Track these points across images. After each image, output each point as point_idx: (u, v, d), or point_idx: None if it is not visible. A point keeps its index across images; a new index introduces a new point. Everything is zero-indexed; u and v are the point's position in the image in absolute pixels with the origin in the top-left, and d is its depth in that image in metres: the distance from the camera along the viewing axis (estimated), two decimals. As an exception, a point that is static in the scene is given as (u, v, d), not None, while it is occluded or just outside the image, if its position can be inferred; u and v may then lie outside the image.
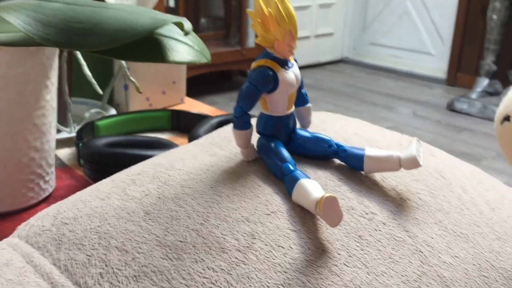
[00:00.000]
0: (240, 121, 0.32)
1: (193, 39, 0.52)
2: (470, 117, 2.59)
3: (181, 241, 0.26)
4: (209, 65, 2.66)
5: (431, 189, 0.34)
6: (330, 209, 0.27)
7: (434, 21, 3.30)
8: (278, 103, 0.32)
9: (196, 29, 3.26)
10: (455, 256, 0.29)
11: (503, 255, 0.31)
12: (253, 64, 0.32)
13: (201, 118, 0.71)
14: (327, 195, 0.27)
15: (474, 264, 0.29)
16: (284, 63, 0.32)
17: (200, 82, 2.61)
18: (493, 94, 2.77)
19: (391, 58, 3.59)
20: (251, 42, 2.93)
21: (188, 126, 0.73)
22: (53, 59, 0.51)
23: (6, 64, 0.46)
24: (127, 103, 0.80)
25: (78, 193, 0.33)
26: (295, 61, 0.34)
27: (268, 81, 0.31)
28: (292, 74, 0.32)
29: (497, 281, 0.29)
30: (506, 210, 0.35)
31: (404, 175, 0.34)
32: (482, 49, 2.88)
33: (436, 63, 3.32)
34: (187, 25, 0.47)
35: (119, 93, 0.81)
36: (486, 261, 0.30)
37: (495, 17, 2.68)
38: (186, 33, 0.46)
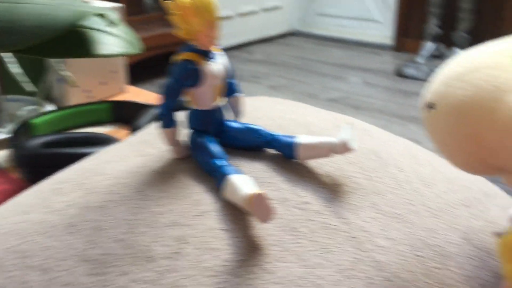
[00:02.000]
0: (166, 119, 0.30)
1: (122, 29, 0.50)
2: (418, 81, 2.65)
3: (106, 254, 0.25)
4: (155, 48, 2.60)
5: (367, 171, 0.34)
6: (259, 206, 0.26)
7: (378, -12, 3.33)
8: (204, 96, 0.31)
9: (141, 10, 3.17)
10: (390, 239, 0.30)
11: (437, 232, 0.31)
12: (175, 58, 0.30)
13: (143, 107, 0.69)
14: (255, 192, 0.26)
15: (408, 245, 0.30)
16: (208, 55, 0.31)
17: (148, 65, 2.55)
18: (439, 57, 2.83)
19: (339, 28, 3.61)
20: (197, 20, 2.87)
21: (130, 116, 0.70)
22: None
23: None
24: (65, 97, 0.77)
25: (2, 207, 0.31)
26: (222, 51, 0.32)
27: (191, 75, 0.30)
28: (217, 65, 0.31)
29: (432, 259, 0.29)
30: (440, 185, 0.35)
31: (339, 159, 0.34)
32: (426, 13, 2.93)
33: (383, 30, 3.37)
34: (112, 15, 0.45)
35: (56, 88, 0.78)
36: (421, 240, 0.30)
37: (436, -19, 2.73)
38: (113, 24, 0.44)
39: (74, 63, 0.75)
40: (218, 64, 0.31)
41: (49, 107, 0.72)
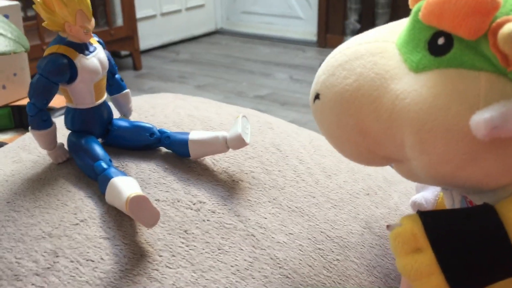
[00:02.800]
0: (37, 120, 0.27)
1: (6, 27, 0.45)
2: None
3: (-38, 276, 0.22)
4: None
5: (266, 165, 0.32)
6: (141, 209, 0.24)
7: (300, -15, 3.38)
8: (83, 94, 0.28)
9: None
10: (289, 233, 0.28)
11: (338, 223, 0.30)
12: (45, 52, 0.27)
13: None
14: (133, 195, 0.24)
15: (309, 238, 0.29)
16: (83, 48, 0.28)
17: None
18: (360, 51, 2.91)
19: (264, 25, 3.63)
20: (119, 21, 2.79)
21: (32, 122, 0.66)
22: None
23: None
24: (-41, 104, 0.70)
25: None
26: (100, 43, 0.30)
27: (62, 70, 0.27)
28: (94, 59, 0.28)
29: (332, 251, 0.28)
30: (343, 175, 0.34)
31: (237, 154, 0.32)
32: (346, 9, 3.01)
33: (306, 26, 3.42)
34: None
35: None
36: (322, 232, 0.29)
37: (353, -23, 2.80)
38: (-11, 21, 0.40)
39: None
40: (95, 58, 0.28)
41: None
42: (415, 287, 0.20)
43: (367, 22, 2.97)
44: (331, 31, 3.24)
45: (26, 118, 0.68)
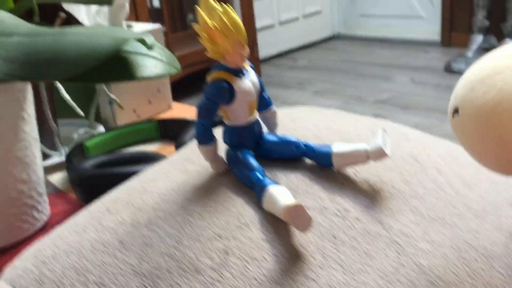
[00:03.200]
0: (203, 137, 0.32)
1: (160, 51, 0.52)
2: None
3: (156, 268, 0.26)
4: (199, 62, 2.66)
5: (405, 176, 0.34)
6: (297, 216, 0.27)
7: (420, -16, 3.26)
8: (239, 113, 0.32)
9: (184, 25, 3.25)
10: (432, 242, 0.29)
11: (481, 233, 0.31)
12: (208, 78, 0.32)
13: (187, 124, 0.72)
14: (292, 203, 0.27)
15: (452, 247, 0.29)
16: (238, 72, 0.32)
17: (192, 80, 2.61)
18: (489, 49, 2.73)
19: (383, 27, 3.55)
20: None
21: (175, 133, 0.73)
22: (26, 90, 0.51)
23: (-22, 105, 0.46)
24: (114, 118, 0.80)
25: (57, 228, 0.33)
26: (252, 67, 0.33)
27: (224, 94, 0.31)
28: (248, 81, 0.32)
29: (477, 260, 0.29)
30: (483, 184, 0.34)
31: (376, 165, 0.34)
32: (473, 5, 2.84)
33: (428, 25, 3.29)
34: (149, 39, 0.47)
35: (105, 108, 0.81)
36: (465, 241, 0.30)
37: (480, -29, 2.64)
38: (150, 48, 0.46)
39: (121, 85, 0.78)
40: (249, 80, 0.32)
41: (100, 128, 0.75)
42: None
43: (497, 18, 2.77)
44: (456, 29, 3.07)
45: (171, 130, 0.76)
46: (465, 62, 2.64)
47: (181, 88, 2.14)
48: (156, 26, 0.84)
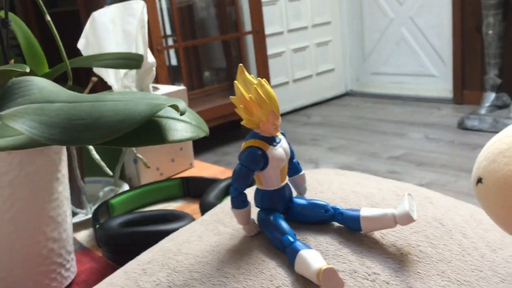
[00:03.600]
0: (238, 201, 0.33)
1: (190, 115, 0.55)
2: (483, 132, 2.57)
3: (193, 330, 0.27)
4: (218, 118, 2.71)
5: (431, 239, 0.35)
6: (330, 279, 0.28)
7: (431, 43, 3.34)
8: (271, 178, 0.34)
9: (201, 83, 3.34)
10: (461, 306, 0.30)
11: (509, 298, 0.31)
12: (243, 145, 0.34)
13: (210, 182, 0.73)
14: (325, 267, 0.28)
15: (481, 312, 0.30)
16: (272, 140, 0.34)
17: (212, 135, 2.65)
18: (502, 107, 2.76)
19: (395, 85, 3.62)
20: (255, 89, 2.98)
21: (198, 191, 0.75)
22: (62, 152, 0.54)
23: (18, 166, 0.49)
24: (139, 176, 0.83)
25: (94, 288, 0.35)
26: (283, 135, 0.36)
27: (259, 161, 0.33)
28: (280, 149, 0.34)
29: (506, 326, 0.30)
30: (508, 249, 0.35)
31: (403, 228, 0.35)
32: (484, 64, 2.89)
33: (441, 83, 3.34)
34: (181, 105, 0.49)
35: (129, 167, 0.84)
36: (493, 306, 0.31)
37: (491, 32, 2.71)
38: (182, 113, 0.49)
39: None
40: (281, 148, 0.34)
41: (125, 186, 0.78)
42: None
43: (509, 76, 2.81)
44: (468, 87, 3.12)
45: (193, 188, 0.77)
46: (478, 119, 2.66)
47: (199, 144, 2.18)
48: (180, 87, 0.87)
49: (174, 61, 3.22)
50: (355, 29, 3.75)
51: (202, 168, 0.90)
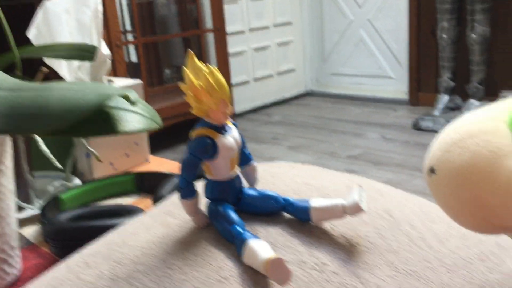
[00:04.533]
0: (186, 191, 0.33)
1: (142, 107, 0.53)
2: (436, 133, 2.64)
3: (135, 322, 0.26)
4: (177, 115, 2.68)
5: (380, 230, 0.35)
6: (277, 270, 0.27)
7: (389, 46, 3.41)
8: (221, 168, 0.33)
9: (161, 80, 3.30)
10: (407, 296, 0.30)
11: (453, 287, 0.32)
12: (192, 134, 0.33)
13: (164, 177, 0.72)
14: (272, 257, 0.27)
15: (426, 301, 0.30)
16: (221, 129, 0.33)
17: (171, 132, 2.62)
18: (455, 109, 2.85)
19: (354, 86, 3.68)
20: (215, 87, 2.96)
21: (152, 186, 0.73)
22: (5, 143, 0.51)
23: (-43, 156, 0.46)
24: (91, 171, 0.80)
25: (34, 282, 0.33)
26: (234, 124, 0.35)
27: (207, 149, 0.32)
28: (230, 138, 0.33)
29: (450, 314, 0.30)
30: (454, 240, 0.36)
31: (353, 220, 0.35)
32: (438, 67, 2.98)
33: (397, 85, 3.42)
34: (133, 95, 0.48)
35: (82, 161, 0.81)
36: (438, 296, 0.31)
37: (445, 36, 2.79)
38: (133, 103, 0.47)
39: (99, 137, 0.79)
40: (231, 137, 0.33)
41: (76, 181, 0.75)
42: None
43: (461, 79, 2.91)
44: (423, 89, 3.20)
45: (148, 183, 0.76)
46: (432, 120, 2.73)
47: (157, 141, 2.15)
48: (136, 81, 0.85)
49: (134, 58, 3.16)
50: (315, 30, 3.80)
51: (158, 164, 0.88)
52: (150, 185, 0.74)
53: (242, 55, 3.44)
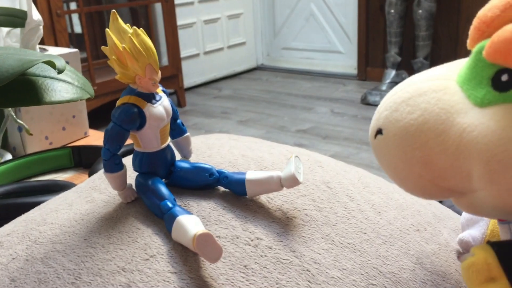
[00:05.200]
0: (110, 164, 0.30)
1: (72, 75, 0.50)
2: (384, 108, 2.69)
3: (49, 307, 0.24)
4: (122, 90, 2.60)
5: (318, 203, 0.34)
6: (206, 245, 0.26)
7: (339, 21, 3.42)
8: (150, 139, 0.31)
9: (104, 54, 3.17)
10: (343, 269, 0.30)
11: (390, 259, 0.31)
12: (118, 102, 0.31)
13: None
14: (200, 232, 0.26)
15: (361, 274, 0.30)
16: (150, 97, 0.31)
17: (111, 109, 2.53)
18: (402, 83, 2.90)
19: (305, 60, 3.68)
20: (164, 60, 2.89)
21: (91, 161, 0.70)
22: None
23: None
24: (24, 145, 0.76)
25: None
26: (164, 92, 0.33)
27: (134, 119, 0.30)
28: (160, 107, 0.31)
29: (385, 286, 0.29)
30: (392, 211, 0.35)
31: (290, 192, 0.34)
32: (386, 43, 3.02)
33: (346, 60, 3.45)
34: (60, 62, 0.44)
35: (14, 135, 0.76)
36: (374, 268, 0.30)
37: (392, 11, 2.82)
38: (60, 72, 0.44)
39: (33, 110, 0.74)
40: (161, 106, 0.31)
41: (7, 156, 0.71)
42: None
43: (408, 55, 2.96)
44: (372, 64, 3.25)
45: (85, 157, 0.72)
46: (380, 95, 2.78)
47: (102, 114, 2.08)
48: (72, 50, 0.81)
49: (79, 29, 3.02)
50: (266, 4, 3.75)
51: (98, 138, 0.84)
52: (88, 160, 0.71)
53: (192, 27, 3.35)
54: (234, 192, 0.33)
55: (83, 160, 0.71)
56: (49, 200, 0.34)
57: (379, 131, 0.26)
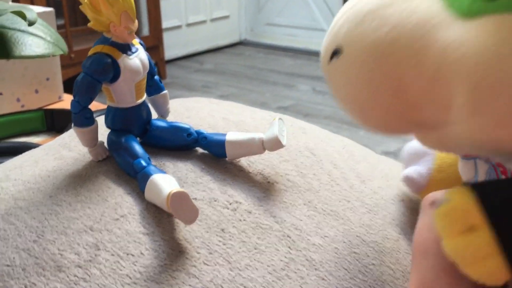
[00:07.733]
0: (80, 117, 0.28)
1: (45, 30, 0.47)
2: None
3: (8, 265, 0.22)
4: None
5: (301, 169, 0.32)
6: (181, 206, 0.24)
7: (324, -2, 3.39)
8: (124, 93, 0.29)
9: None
10: (325, 236, 0.28)
11: (373, 228, 0.30)
12: (90, 51, 0.28)
13: (77, 115, 0.66)
14: (175, 190, 0.24)
15: (344, 242, 0.28)
16: (126, 48, 0.28)
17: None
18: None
19: (288, 37, 3.64)
20: (145, 30, 2.83)
21: (64, 125, 0.67)
22: None
23: None
24: (-6, 107, 0.72)
25: None
26: (141, 45, 0.30)
27: (107, 70, 0.27)
28: (136, 59, 0.29)
29: (368, 255, 0.28)
30: (377, 180, 0.34)
31: (272, 156, 0.33)
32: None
33: (330, 38, 3.43)
34: (31, 14, 0.42)
35: (-17, 96, 0.73)
36: (357, 236, 0.29)
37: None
38: (30, 23, 0.41)
39: (4, 70, 0.71)
40: (137, 58, 0.29)
41: (-24, 117, 0.67)
42: (466, 273, 0.18)
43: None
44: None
45: (58, 121, 0.69)
46: (363, 75, 2.78)
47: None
48: (47, 9, 0.77)
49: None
50: (252, -23, 3.69)
51: (73, 102, 0.81)
52: (61, 123, 0.68)
53: (174, -2, 3.28)
54: (213, 154, 0.31)
55: (56, 124, 0.68)
56: (15, 158, 0.32)
57: (336, 52, 0.21)
